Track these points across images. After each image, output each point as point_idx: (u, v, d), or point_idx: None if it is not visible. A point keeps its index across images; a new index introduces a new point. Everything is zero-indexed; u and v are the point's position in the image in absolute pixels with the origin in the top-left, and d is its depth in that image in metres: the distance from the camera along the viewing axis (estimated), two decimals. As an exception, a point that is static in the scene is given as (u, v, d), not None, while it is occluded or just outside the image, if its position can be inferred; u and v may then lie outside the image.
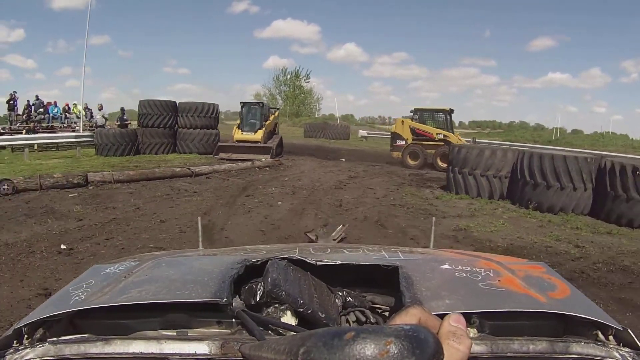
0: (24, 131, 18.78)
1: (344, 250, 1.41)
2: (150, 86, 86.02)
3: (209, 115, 16.73)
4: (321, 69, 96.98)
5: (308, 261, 1.13)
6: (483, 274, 1.12)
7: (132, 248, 5.41)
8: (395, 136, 15.54)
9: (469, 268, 1.16)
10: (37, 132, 18.60)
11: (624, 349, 0.84)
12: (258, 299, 1.01)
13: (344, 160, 15.64)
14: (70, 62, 77.28)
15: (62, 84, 75.61)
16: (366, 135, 27.86)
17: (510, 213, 7.56)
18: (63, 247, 5.41)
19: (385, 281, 1.16)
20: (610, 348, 0.84)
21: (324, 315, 0.97)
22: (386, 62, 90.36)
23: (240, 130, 15.35)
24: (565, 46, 66.68)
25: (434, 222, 2.38)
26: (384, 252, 1.33)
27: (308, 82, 51.07)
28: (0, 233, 5.87)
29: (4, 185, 8.64)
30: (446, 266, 1.18)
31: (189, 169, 11.01)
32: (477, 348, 0.81)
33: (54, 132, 19.02)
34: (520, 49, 73.53)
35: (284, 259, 1.14)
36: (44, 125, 20.73)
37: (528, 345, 0.83)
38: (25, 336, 0.87)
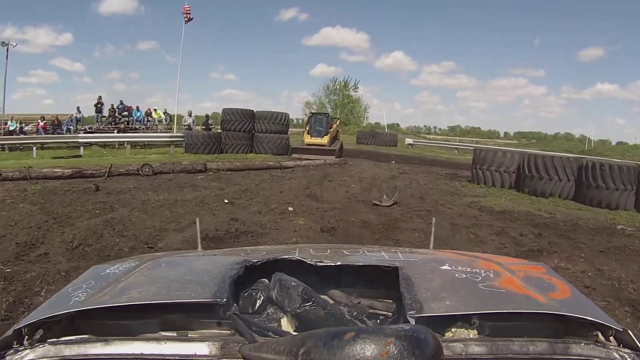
0: (115, 131, 21.25)
1: (344, 251, 1.44)
2: (197, 91, 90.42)
3: (281, 122, 18.95)
4: (369, 78, 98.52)
5: (308, 262, 1.14)
6: (483, 274, 1.12)
7: (272, 202, 8.55)
8: None
9: (469, 269, 1.16)
10: (125, 132, 20.92)
11: (624, 350, 0.84)
12: (257, 308, 1.04)
13: (394, 162, 18.18)
14: (118, 67, 77.30)
15: (109, 87, 75.91)
16: (412, 142, 30.94)
17: (512, 195, 10.57)
18: (226, 201, 8.39)
19: (384, 282, 1.16)
20: (610, 349, 0.84)
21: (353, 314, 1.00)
22: (434, 71, 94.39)
23: (309, 135, 18.69)
24: (615, 56, 66.54)
25: (434, 222, 2.39)
26: (383, 253, 1.35)
27: (356, 91, 51.96)
28: (169, 195, 8.73)
29: (145, 168, 11.53)
30: (446, 267, 1.19)
31: (279, 163, 14.53)
32: (478, 349, 0.82)
33: (136, 132, 21.80)
34: (570, 59, 73.15)
35: (283, 260, 1.16)
36: (129, 127, 22.47)
37: (528, 346, 0.83)
38: (26, 337, 0.87)
